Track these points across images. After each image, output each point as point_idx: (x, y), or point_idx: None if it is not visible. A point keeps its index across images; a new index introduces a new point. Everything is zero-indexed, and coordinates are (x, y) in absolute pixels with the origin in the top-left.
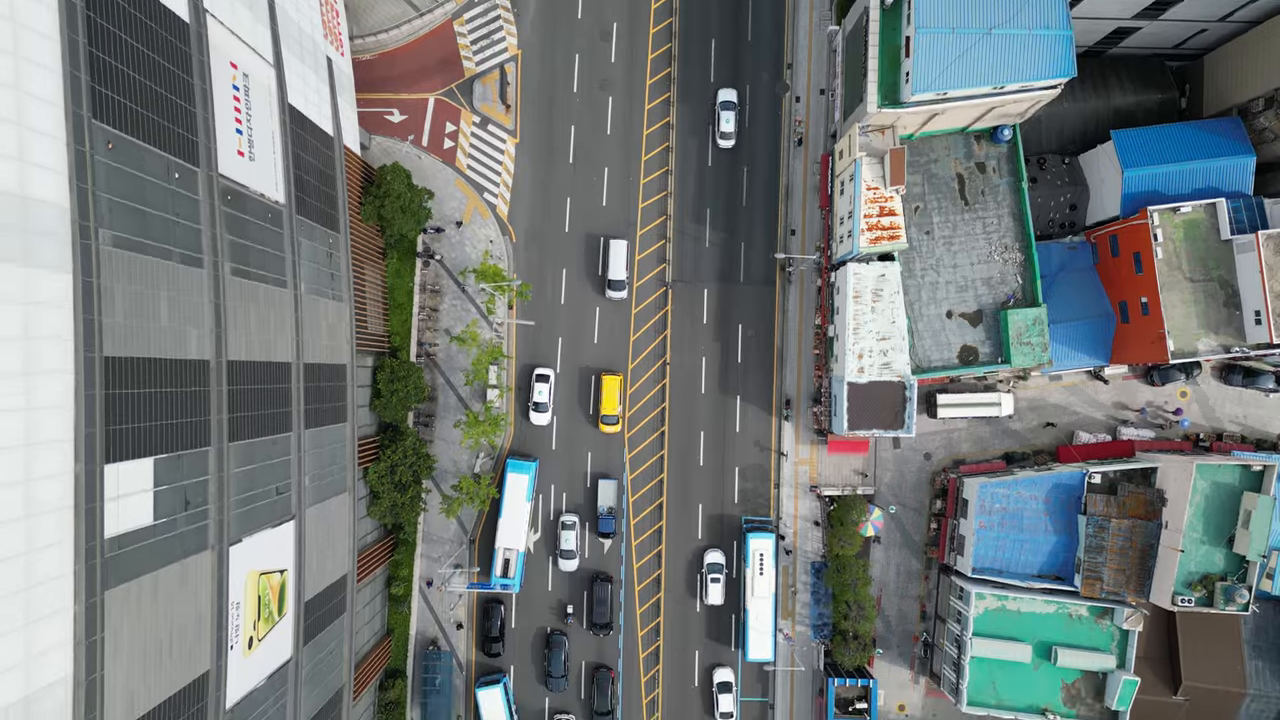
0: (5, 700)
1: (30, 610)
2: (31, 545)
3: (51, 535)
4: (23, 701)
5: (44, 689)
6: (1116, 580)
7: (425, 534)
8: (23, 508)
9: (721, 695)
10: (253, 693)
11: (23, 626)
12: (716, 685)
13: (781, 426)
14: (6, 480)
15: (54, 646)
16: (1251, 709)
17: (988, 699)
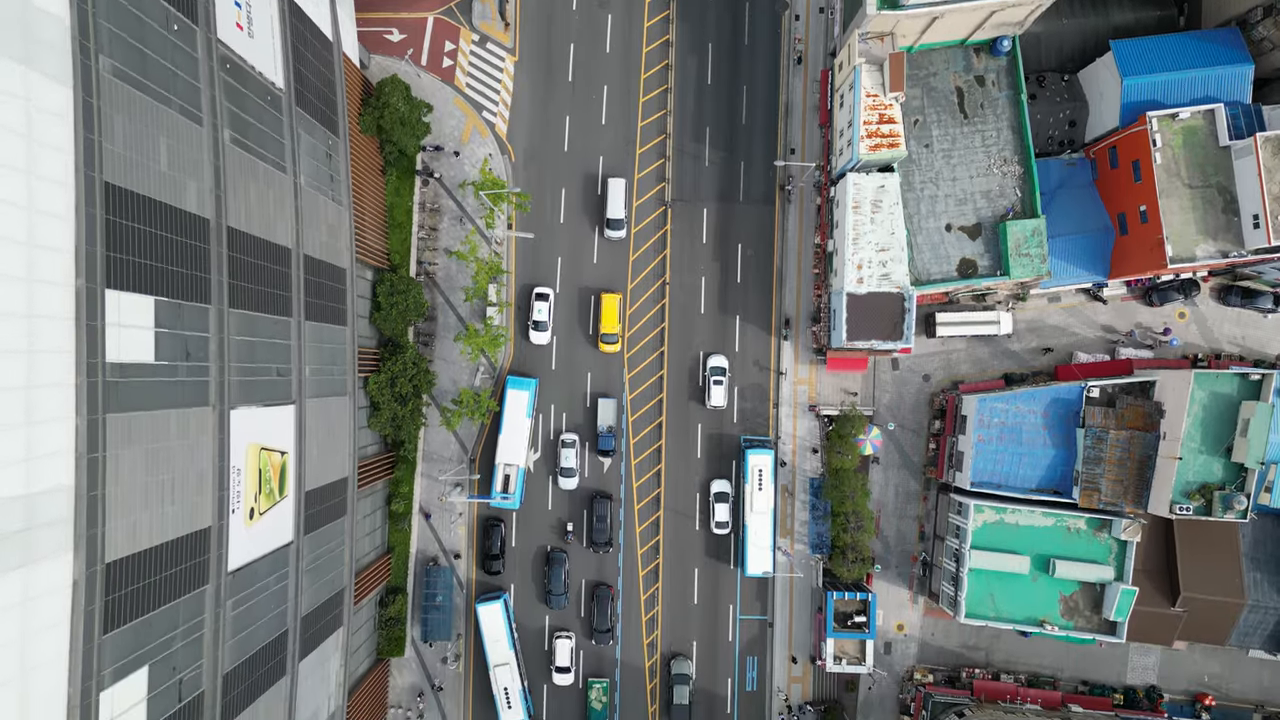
0: (8, 493)
1: (32, 410)
2: (33, 346)
3: (53, 342)
4: (25, 499)
5: (45, 492)
6: (1114, 491)
7: (426, 453)
8: (25, 306)
9: (717, 505)
10: (254, 564)
11: (24, 424)
12: (714, 495)
13: (781, 346)
14: (9, 274)
15: (55, 452)
16: (1250, 620)
17: (986, 611)
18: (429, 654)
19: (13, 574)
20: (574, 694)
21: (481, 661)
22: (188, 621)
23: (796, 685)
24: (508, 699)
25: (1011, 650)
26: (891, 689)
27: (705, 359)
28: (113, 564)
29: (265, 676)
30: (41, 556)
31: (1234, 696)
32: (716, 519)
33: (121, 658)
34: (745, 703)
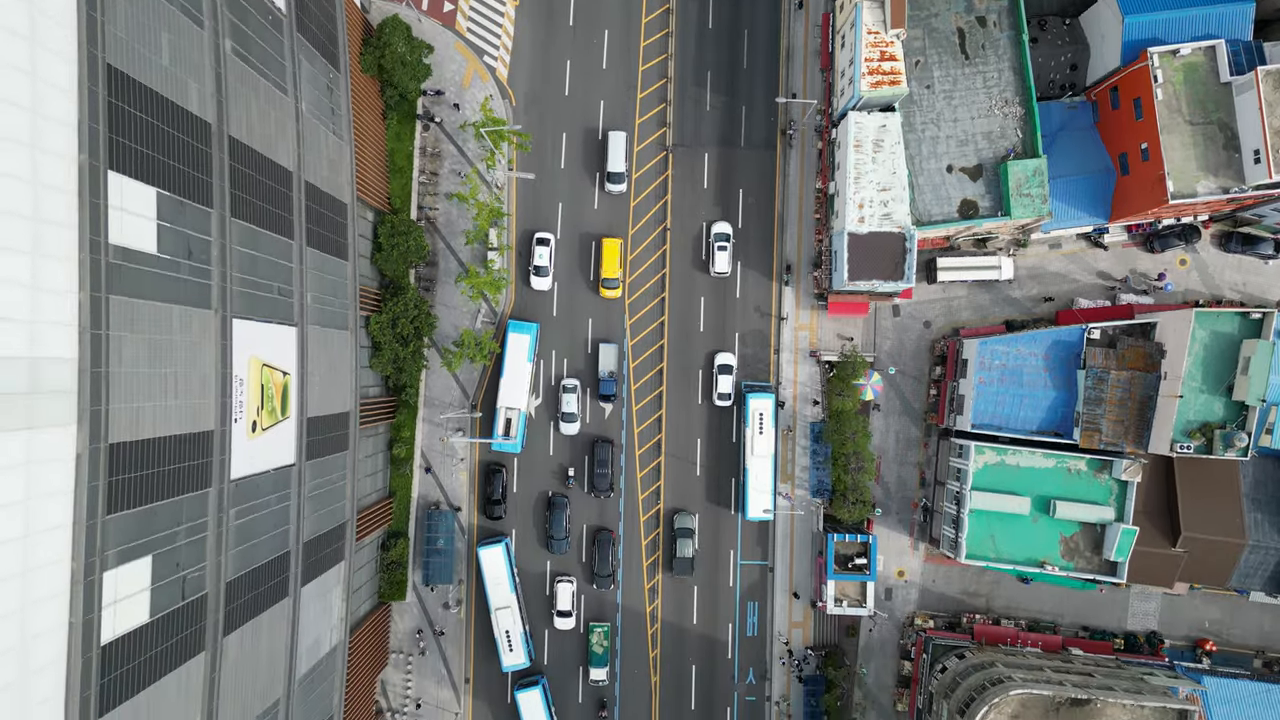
0: (10, 352)
1: (37, 276)
2: (38, 214)
3: (56, 214)
4: (29, 361)
5: (49, 359)
6: (1115, 431)
7: (427, 398)
8: (30, 171)
9: (721, 376)
10: (256, 478)
11: (29, 287)
12: (717, 367)
13: (782, 292)
14: (14, 138)
15: (59, 323)
16: (1250, 560)
17: (986, 552)
18: (430, 599)
19: (17, 434)
20: (575, 638)
21: (483, 606)
22: (191, 521)
23: (797, 630)
24: (509, 642)
25: (1012, 596)
26: (892, 634)
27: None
28: (116, 445)
29: (268, 594)
30: (45, 423)
31: (1234, 642)
32: (719, 390)
33: (125, 542)
34: (746, 647)
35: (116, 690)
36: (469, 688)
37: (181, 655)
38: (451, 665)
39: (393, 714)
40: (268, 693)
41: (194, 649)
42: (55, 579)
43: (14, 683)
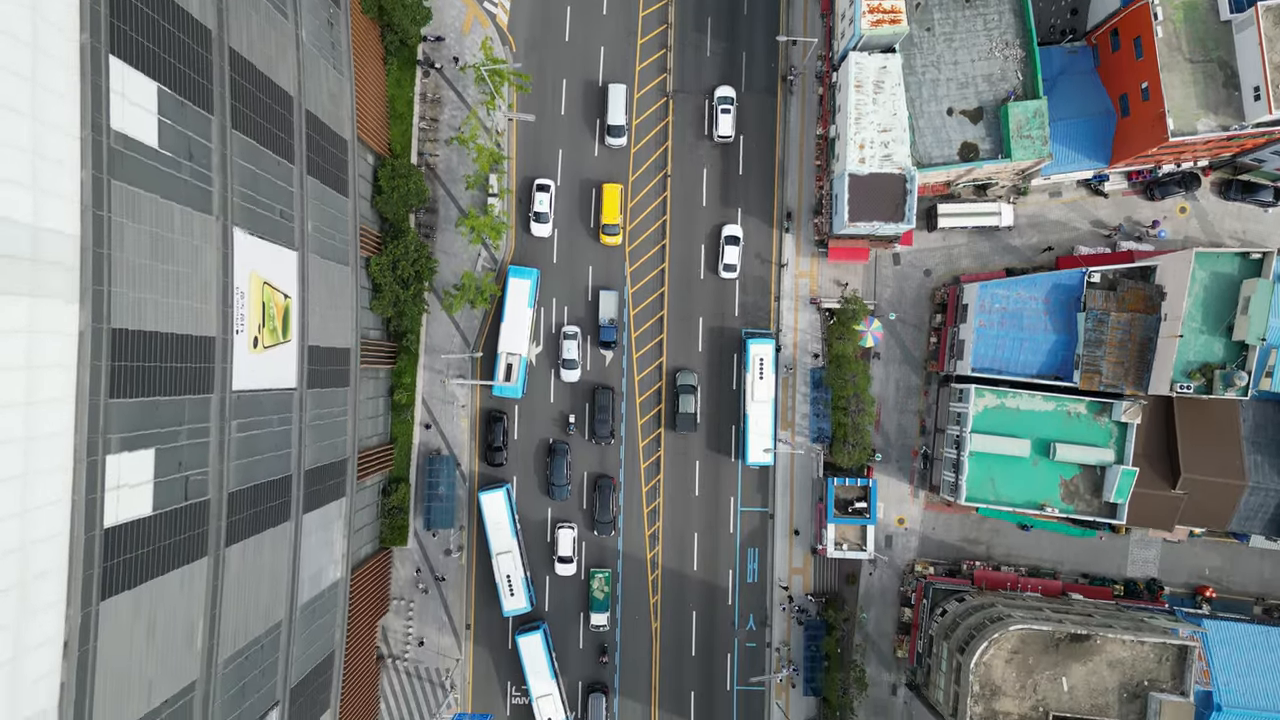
0: (12, 214)
1: (37, 142)
2: (35, 79)
3: (57, 84)
4: (31, 229)
5: (50, 230)
6: (1115, 373)
7: (428, 346)
8: (29, 34)
9: (728, 248)
10: (259, 394)
11: (31, 151)
12: (724, 238)
13: (782, 239)
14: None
15: (61, 195)
16: (1251, 502)
17: (986, 495)
18: (431, 546)
19: (20, 299)
20: (576, 584)
21: (484, 553)
22: (194, 423)
23: (798, 577)
24: (510, 586)
25: (1012, 544)
26: (892, 582)
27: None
28: (118, 332)
29: (269, 514)
30: (48, 294)
31: (1234, 589)
32: (725, 261)
33: (128, 430)
34: (746, 594)
35: (120, 576)
36: (470, 634)
37: (185, 555)
38: (452, 611)
39: (394, 660)
40: (270, 613)
41: (197, 552)
42: (57, 452)
43: (15, 550)
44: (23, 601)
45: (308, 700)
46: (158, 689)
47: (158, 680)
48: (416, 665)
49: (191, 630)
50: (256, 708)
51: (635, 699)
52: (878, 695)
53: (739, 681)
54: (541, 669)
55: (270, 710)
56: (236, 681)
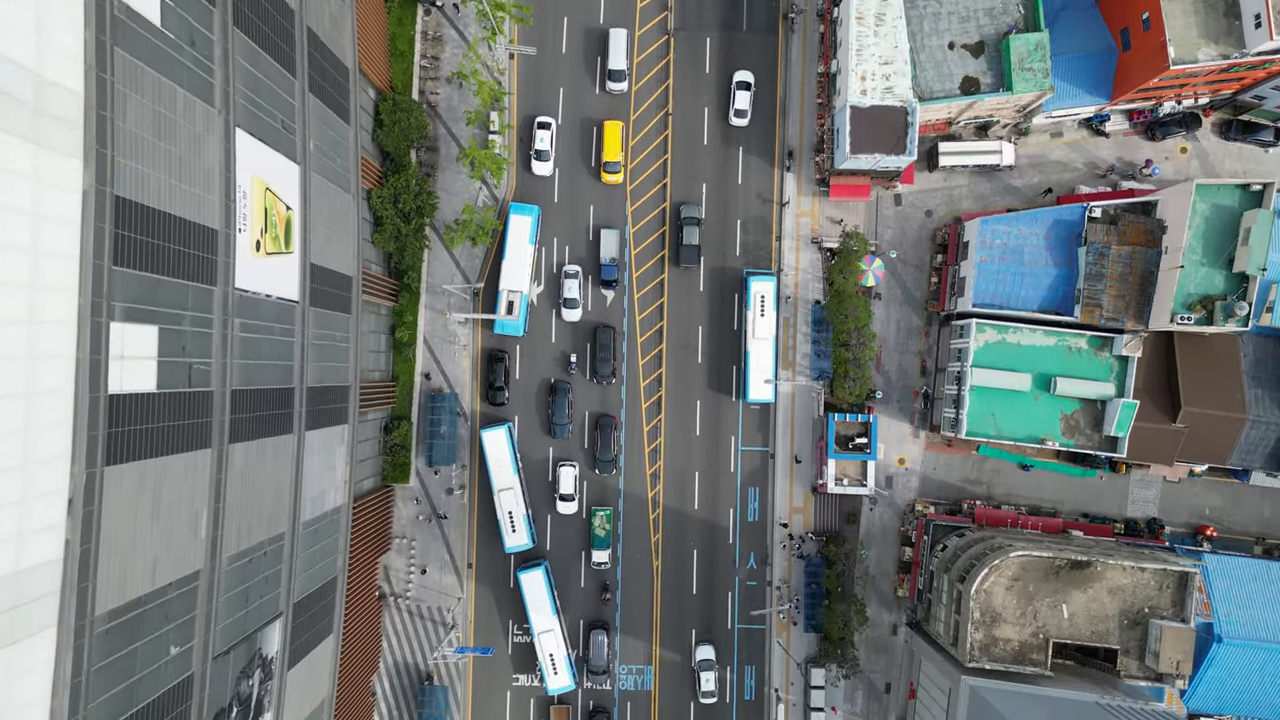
0: (12, 55)
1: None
2: None
3: None
4: (33, 75)
5: (53, 83)
6: (1116, 306)
7: (429, 285)
8: None
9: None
10: (261, 300)
11: (32, 2)
12: None
13: (784, 179)
14: None
15: (62, 49)
16: (1251, 436)
17: (987, 429)
18: (434, 484)
19: (24, 144)
20: (577, 522)
21: (486, 492)
22: (197, 311)
23: (798, 516)
24: (512, 523)
25: (1012, 484)
26: (893, 521)
27: None
28: (122, 200)
29: (273, 421)
30: (51, 146)
31: (1235, 529)
32: None
33: (132, 301)
34: (747, 533)
35: (124, 446)
36: (472, 573)
37: (189, 441)
38: (454, 550)
39: (396, 598)
40: (273, 522)
41: (201, 441)
42: (61, 307)
43: (21, 395)
44: (28, 449)
45: (310, 620)
46: (162, 570)
47: (162, 562)
48: (418, 604)
49: (196, 519)
50: (259, 614)
51: (637, 637)
52: (878, 635)
53: (740, 620)
54: (543, 605)
55: (273, 620)
56: (240, 582)
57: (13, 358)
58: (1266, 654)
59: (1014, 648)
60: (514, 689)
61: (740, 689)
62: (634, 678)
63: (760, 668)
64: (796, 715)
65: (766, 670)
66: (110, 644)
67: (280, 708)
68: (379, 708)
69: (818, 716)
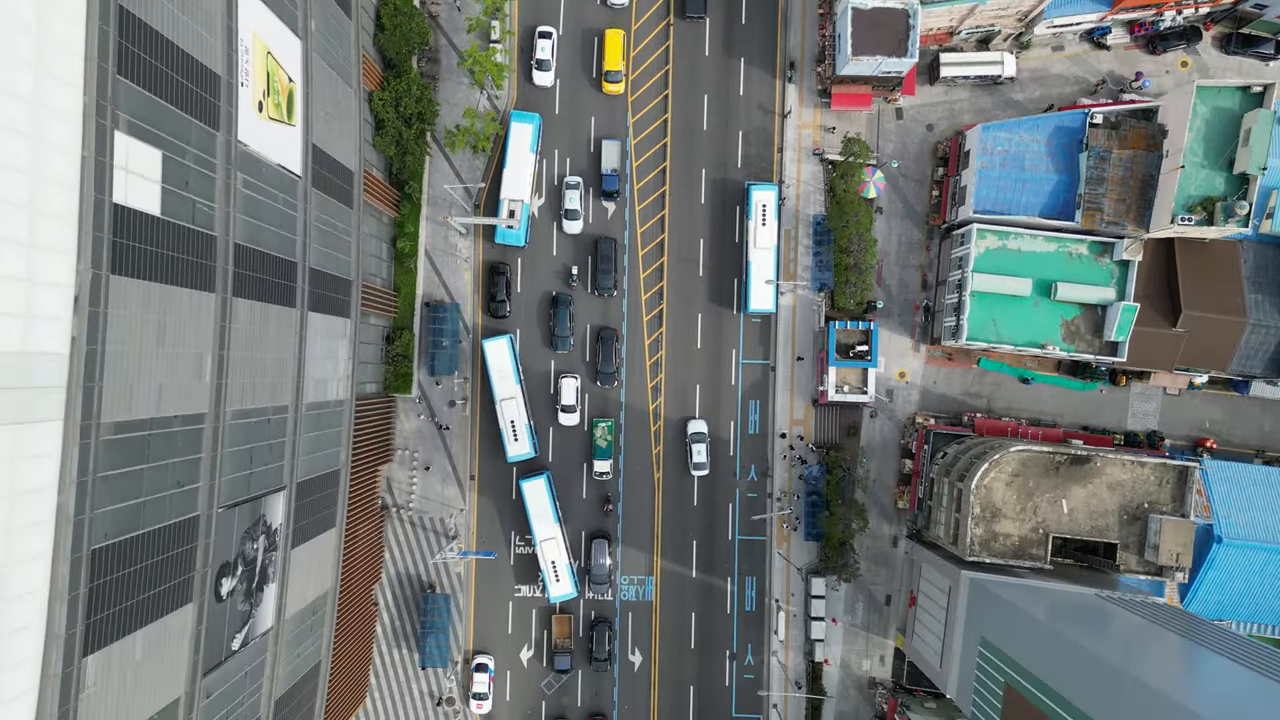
0: None
1: None
2: None
3: None
4: None
5: None
6: (1117, 210)
7: (430, 197)
8: None
9: None
10: (264, 164)
11: None
12: None
13: (785, 90)
14: None
15: None
16: (1251, 341)
17: (987, 335)
18: (436, 396)
19: None
20: (579, 435)
21: (488, 404)
22: (200, 151)
23: (799, 428)
24: (514, 432)
25: (1012, 398)
26: (893, 435)
27: None
28: (125, 10)
29: (276, 289)
30: None
31: (1235, 442)
32: None
33: (135, 116)
34: (748, 444)
35: (129, 260)
36: (474, 485)
37: (193, 279)
38: (457, 463)
39: (398, 510)
40: (276, 392)
41: (205, 283)
42: (66, 99)
43: (27, 171)
44: (33, 229)
45: (313, 506)
46: (168, 400)
47: (168, 391)
48: (421, 515)
49: (200, 362)
50: (263, 480)
51: (638, 548)
52: (879, 548)
53: (740, 531)
54: (545, 513)
55: (277, 491)
56: (244, 440)
57: (17, 132)
58: (1266, 555)
59: (1014, 543)
60: (516, 600)
61: (741, 600)
62: (635, 588)
63: (761, 579)
64: (797, 625)
65: (767, 581)
66: (116, 456)
67: (285, 582)
68: (382, 618)
69: (818, 626)
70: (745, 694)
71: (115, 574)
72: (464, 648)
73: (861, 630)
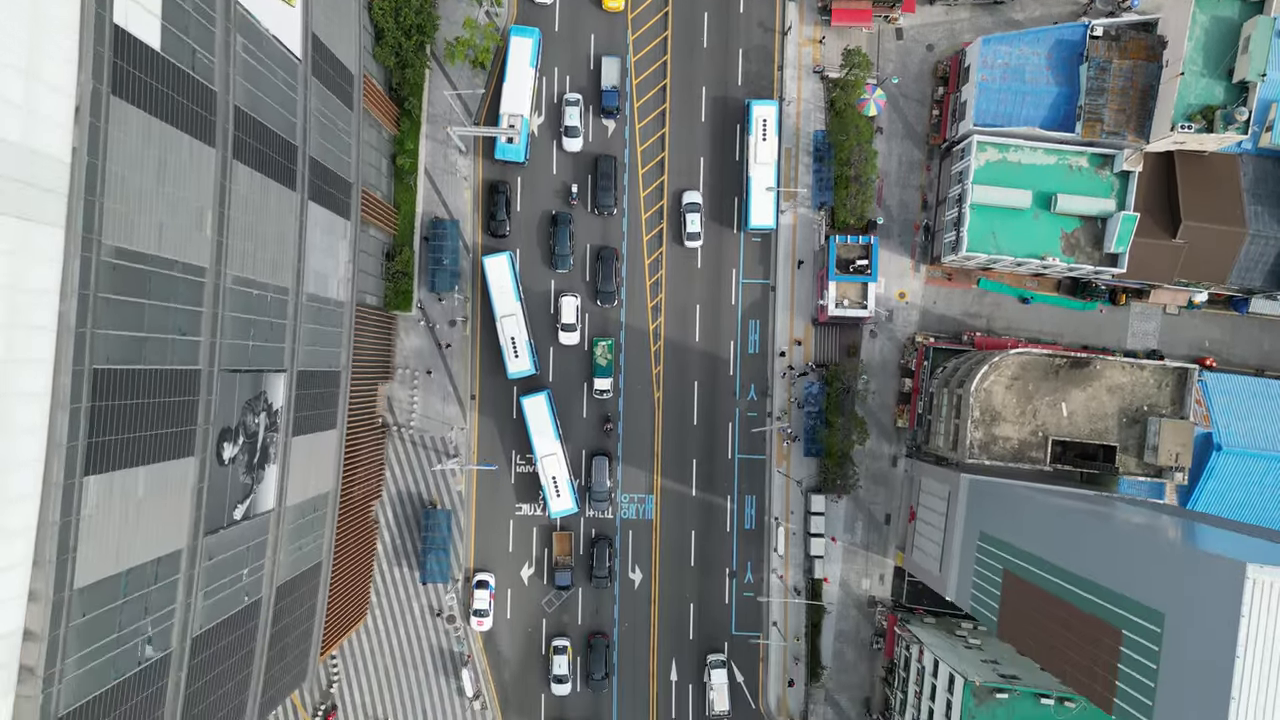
0: None
1: None
2: None
3: None
4: None
5: None
6: (1117, 121)
7: (430, 115)
8: None
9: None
10: (264, 31)
11: None
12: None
13: (785, 6)
14: None
15: None
16: (1251, 252)
17: (986, 247)
18: (437, 314)
19: None
20: (579, 354)
21: (488, 323)
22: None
23: (798, 347)
24: (514, 349)
25: (1012, 317)
26: (893, 354)
27: None
28: None
29: (276, 166)
30: None
31: (1234, 361)
32: None
33: None
34: (747, 364)
35: (130, 86)
36: (474, 404)
37: (193, 126)
38: (457, 382)
39: (399, 428)
40: (276, 270)
41: (206, 135)
42: None
43: None
44: (33, 30)
45: (313, 401)
46: (168, 242)
47: (169, 234)
48: (421, 434)
49: (201, 215)
50: (265, 356)
51: (638, 467)
52: (878, 468)
53: (740, 450)
54: (546, 429)
55: (278, 372)
56: (244, 309)
57: None
58: (1266, 464)
59: (1013, 446)
60: (517, 518)
61: (740, 519)
62: (635, 506)
63: (761, 497)
64: (797, 544)
65: (767, 500)
66: (117, 281)
67: (286, 466)
68: (383, 536)
69: (817, 542)
70: (745, 611)
71: (117, 401)
72: (465, 565)
73: (861, 550)
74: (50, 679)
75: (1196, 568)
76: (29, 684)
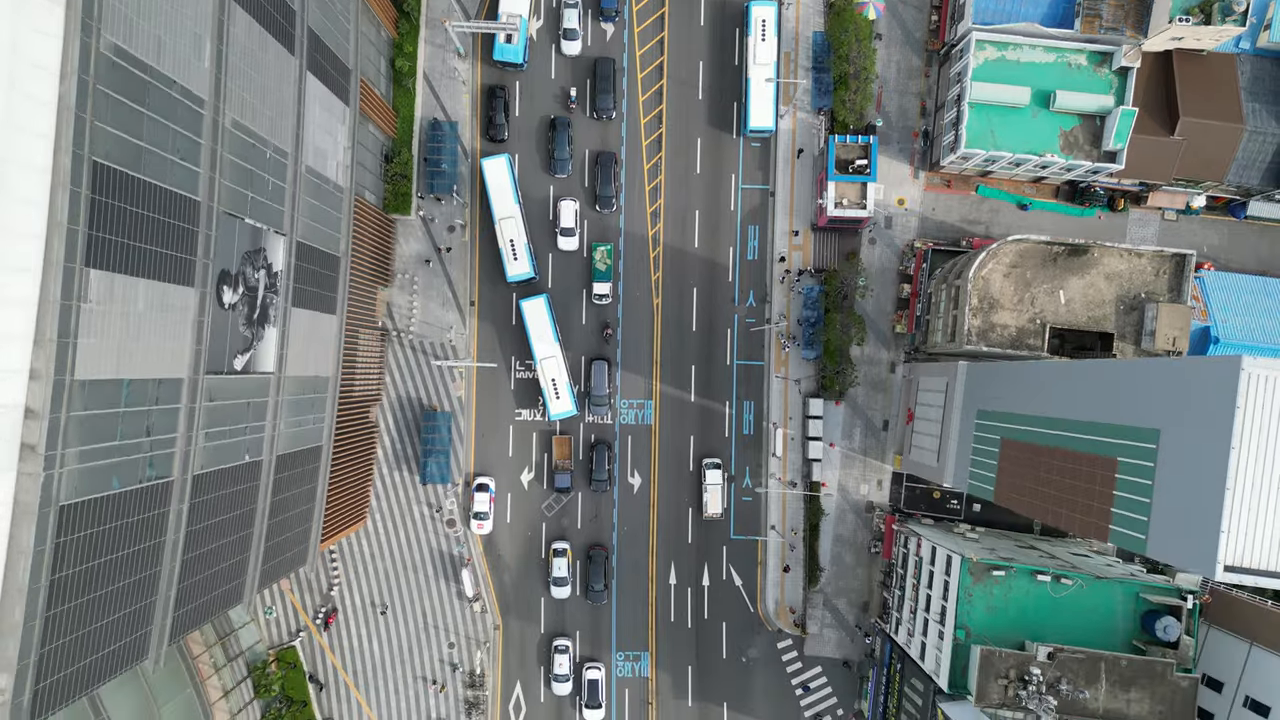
0: None
1: None
2: None
3: None
4: None
5: None
6: (1115, 16)
7: (429, 19)
8: None
9: None
10: None
11: None
12: None
13: None
14: None
15: None
16: (1249, 150)
17: (985, 144)
18: (436, 215)
19: None
20: (578, 260)
21: (487, 227)
22: None
23: (797, 253)
24: (513, 251)
25: (1010, 224)
26: (891, 261)
27: None
28: None
29: (272, 20)
30: None
31: (1232, 266)
32: None
33: None
34: (746, 271)
35: None
36: (474, 310)
37: None
38: (456, 288)
39: (399, 334)
40: (275, 130)
41: None
42: None
43: None
44: None
45: (313, 278)
46: (166, 59)
47: (167, 51)
48: (421, 340)
49: (199, 41)
50: (263, 213)
51: (637, 373)
52: (876, 374)
53: (739, 356)
54: (545, 332)
55: (278, 235)
56: (244, 157)
57: None
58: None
59: (1011, 333)
60: (516, 423)
61: (739, 424)
62: (634, 412)
63: (759, 403)
64: (795, 449)
65: (765, 405)
66: (115, 80)
67: (285, 332)
68: (383, 441)
69: (816, 446)
70: (744, 516)
71: (117, 202)
72: (465, 470)
73: (859, 456)
74: (51, 461)
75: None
76: (30, 461)
